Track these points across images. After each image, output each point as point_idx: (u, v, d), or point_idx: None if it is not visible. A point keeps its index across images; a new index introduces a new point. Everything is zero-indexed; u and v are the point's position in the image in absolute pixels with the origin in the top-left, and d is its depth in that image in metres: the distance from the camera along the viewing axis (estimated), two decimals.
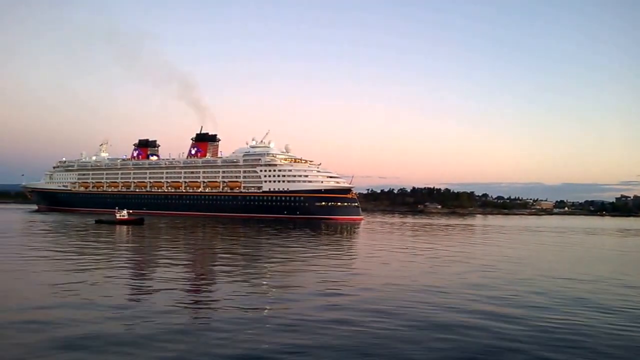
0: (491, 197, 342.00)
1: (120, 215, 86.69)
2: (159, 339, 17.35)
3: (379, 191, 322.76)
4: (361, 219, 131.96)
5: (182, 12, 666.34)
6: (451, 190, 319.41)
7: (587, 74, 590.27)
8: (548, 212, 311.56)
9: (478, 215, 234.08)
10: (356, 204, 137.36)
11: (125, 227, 79.74)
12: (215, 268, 38.09)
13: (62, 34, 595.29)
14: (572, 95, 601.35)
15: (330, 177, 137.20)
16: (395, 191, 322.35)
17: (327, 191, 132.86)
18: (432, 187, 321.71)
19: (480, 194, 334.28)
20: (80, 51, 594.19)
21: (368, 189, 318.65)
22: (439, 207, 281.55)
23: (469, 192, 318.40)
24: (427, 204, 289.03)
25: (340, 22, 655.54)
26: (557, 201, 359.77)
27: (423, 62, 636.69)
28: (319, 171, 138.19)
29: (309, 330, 19.01)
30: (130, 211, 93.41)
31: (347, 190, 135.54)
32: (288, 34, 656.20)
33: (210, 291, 28.06)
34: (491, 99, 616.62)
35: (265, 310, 22.74)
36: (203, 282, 31.78)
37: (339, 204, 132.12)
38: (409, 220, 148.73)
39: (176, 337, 17.87)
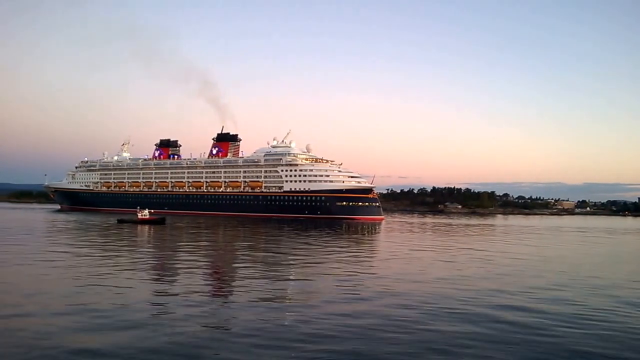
0: (512, 197, 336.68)
1: (142, 215, 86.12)
2: (190, 345, 16.39)
3: (398, 191, 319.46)
4: (382, 219, 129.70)
5: (199, 10, 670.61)
6: (472, 190, 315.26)
7: (609, 73, 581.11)
8: (569, 212, 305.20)
9: (498, 215, 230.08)
10: (377, 204, 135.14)
11: (147, 226, 79.11)
12: (245, 269, 36.04)
13: (80, 32, 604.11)
14: (595, 95, 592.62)
15: (352, 177, 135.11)
16: (415, 191, 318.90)
17: (348, 191, 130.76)
18: (452, 186, 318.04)
19: (501, 194, 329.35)
20: (100, 50, 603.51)
21: (388, 189, 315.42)
22: (459, 207, 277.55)
23: (489, 192, 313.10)
24: (447, 203, 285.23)
25: (360, 20, 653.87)
26: (578, 201, 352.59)
27: (442, 61, 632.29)
28: (340, 171, 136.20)
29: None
30: (152, 211, 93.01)
31: (369, 190, 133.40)
32: (306, 32, 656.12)
33: (244, 292, 26.08)
34: (512, 99, 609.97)
35: (335, 310, 21.70)
36: (237, 283, 29.96)
37: (360, 203, 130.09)
38: (431, 220, 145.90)
39: (210, 343, 16.56)
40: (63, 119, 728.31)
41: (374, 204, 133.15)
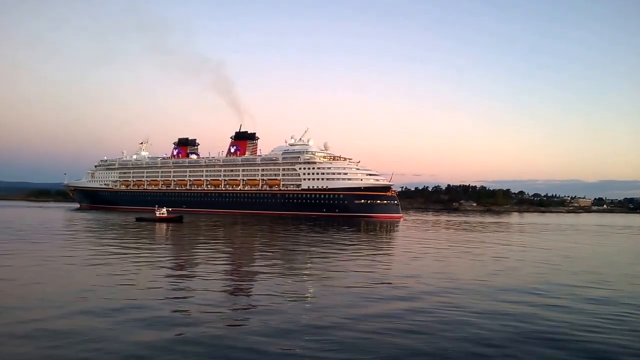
0: (527, 194, 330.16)
1: (160, 213, 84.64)
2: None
3: (413, 189, 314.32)
4: (401, 217, 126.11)
5: (216, 7, 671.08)
6: (487, 188, 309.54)
7: (627, 71, 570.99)
8: (586, 209, 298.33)
9: (514, 213, 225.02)
10: (396, 201, 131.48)
11: (164, 224, 77.19)
12: (264, 274, 32.09)
13: (91, 27, 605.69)
14: (612, 92, 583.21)
15: (370, 174, 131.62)
16: (430, 189, 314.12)
17: (366, 189, 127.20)
18: (467, 184, 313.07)
19: (516, 192, 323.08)
20: (113, 47, 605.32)
21: (402, 187, 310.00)
22: (474, 204, 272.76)
23: (504, 189, 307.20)
24: (462, 201, 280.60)
25: (375, 20, 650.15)
26: (595, 199, 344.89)
27: (455, 61, 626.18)
28: (358, 169, 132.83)
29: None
30: (170, 209, 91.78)
31: (387, 188, 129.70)
32: (322, 31, 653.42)
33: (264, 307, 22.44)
34: (529, 97, 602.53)
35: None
36: (256, 295, 26.05)
37: (378, 201, 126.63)
38: (449, 218, 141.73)
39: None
40: (79, 118, 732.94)
41: (392, 201, 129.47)
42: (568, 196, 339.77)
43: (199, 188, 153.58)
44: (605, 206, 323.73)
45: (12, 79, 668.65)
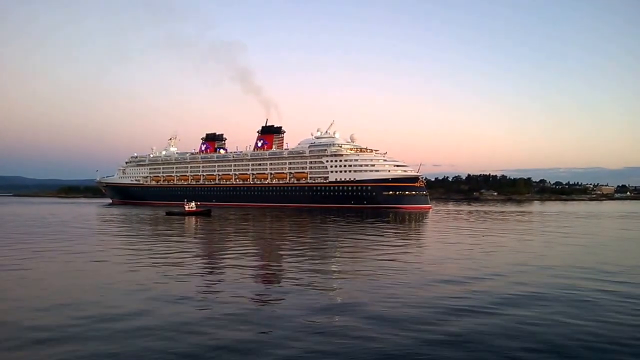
0: (549, 182, 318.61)
1: (188, 207, 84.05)
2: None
3: (433, 179, 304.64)
4: (430, 208, 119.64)
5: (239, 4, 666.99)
6: (507, 177, 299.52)
7: None
8: (609, 197, 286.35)
9: (535, 202, 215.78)
10: (424, 192, 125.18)
11: (193, 218, 76.51)
12: (293, 272, 26.51)
13: (113, 25, 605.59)
14: (633, 77, 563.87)
15: (397, 165, 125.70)
16: (450, 179, 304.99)
17: (394, 180, 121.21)
18: (487, 174, 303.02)
19: (537, 180, 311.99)
20: (136, 47, 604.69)
21: (423, 177, 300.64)
22: (495, 194, 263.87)
23: (525, 178, 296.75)
24: (482, 191, 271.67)
25: (398, 19, 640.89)
26: (618, 186, 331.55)
27: (475, 52, 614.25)
28: (385, 160, 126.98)
29: None
30: (199, 203, 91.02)
31: (415, 179, 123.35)
32: (344, 25, 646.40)
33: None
34: (548, 85, 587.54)
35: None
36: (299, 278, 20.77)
37: (406, 192, 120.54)
38: (476, 208, 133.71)
39: None
40: (104, 116, 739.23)
41: (421, 192, 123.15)
42: (590, 184, 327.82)
43: (228, 182, 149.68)
44: (628, 193, 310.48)
45: (32, 80, 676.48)
